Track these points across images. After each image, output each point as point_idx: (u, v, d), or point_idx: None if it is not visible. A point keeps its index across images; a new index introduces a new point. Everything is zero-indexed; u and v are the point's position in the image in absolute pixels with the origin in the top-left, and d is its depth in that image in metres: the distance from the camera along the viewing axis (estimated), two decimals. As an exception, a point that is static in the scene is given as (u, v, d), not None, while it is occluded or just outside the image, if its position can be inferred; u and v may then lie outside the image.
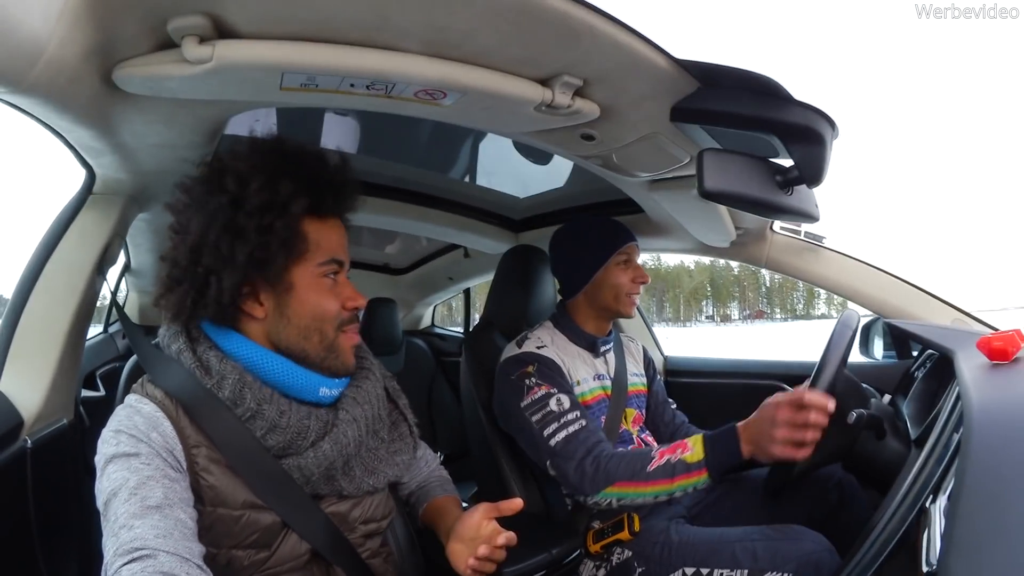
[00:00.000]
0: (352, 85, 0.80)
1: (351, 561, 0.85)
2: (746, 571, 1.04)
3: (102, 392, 1.64)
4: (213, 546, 0.73)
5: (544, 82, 0.86)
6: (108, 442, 0.72)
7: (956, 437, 0.65)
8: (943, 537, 0.47)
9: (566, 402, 1.22)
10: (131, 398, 0.77)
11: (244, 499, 0.76)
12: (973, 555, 0.37)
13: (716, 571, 1.07)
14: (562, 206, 1.88)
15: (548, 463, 1.20)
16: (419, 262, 2.67)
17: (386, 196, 1.79)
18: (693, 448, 1.07)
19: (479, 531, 0.82)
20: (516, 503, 0.84)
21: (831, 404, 0.97)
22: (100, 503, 0.69)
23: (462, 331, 2.95)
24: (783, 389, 1.74)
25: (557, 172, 1.70)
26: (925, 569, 0.51)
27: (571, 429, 1.18)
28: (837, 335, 1.08)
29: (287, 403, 0.79)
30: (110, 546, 0.64)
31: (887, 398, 1.39)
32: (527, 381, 1.26)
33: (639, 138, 1.05)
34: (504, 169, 1.80)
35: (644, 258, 1.63)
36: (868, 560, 0.70)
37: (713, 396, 1.90)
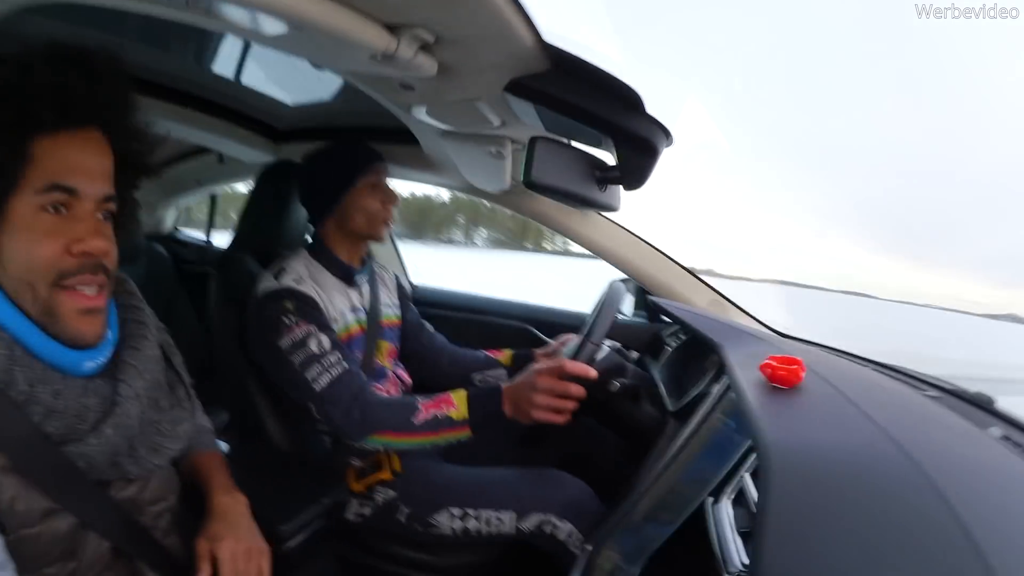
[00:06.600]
0: None
1: (151, 550, 0.76)
2: (513, 513, 1.11)
3: None
4: (25, 572, 0.62)
5: (393, 29, 0.75)
6: None
7: (740, 440, 0.75)
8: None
9: (326, 343, 1.16)
10: None
11: (40, 508, 0.64)
12: None
13: (484, 512, 1.13)
14: (331, 123, 1.70)
15: (313, 407, 1.15)
16: (166, 162, 2.29)
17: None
18: (458, 406, 1.10)
19: None
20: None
21: (592, 373, 1.06)
22: None
23: (204, 237, 2.61)
24: (533, 334, 1.90)
25: (329, 83, 1.49)
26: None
27: (334, 372, 1.14)
28: (604, 312, 1.17)
29: (61, 380, 0.65)
30: None
31: (635, 354, 1.59)
32: (285, 319, 1.16)
33: (461, 99, 0.99)
34: (274, 70, 1.52)
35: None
36: (636, 519, 0.82)
37: (461, 331, 1.88)
